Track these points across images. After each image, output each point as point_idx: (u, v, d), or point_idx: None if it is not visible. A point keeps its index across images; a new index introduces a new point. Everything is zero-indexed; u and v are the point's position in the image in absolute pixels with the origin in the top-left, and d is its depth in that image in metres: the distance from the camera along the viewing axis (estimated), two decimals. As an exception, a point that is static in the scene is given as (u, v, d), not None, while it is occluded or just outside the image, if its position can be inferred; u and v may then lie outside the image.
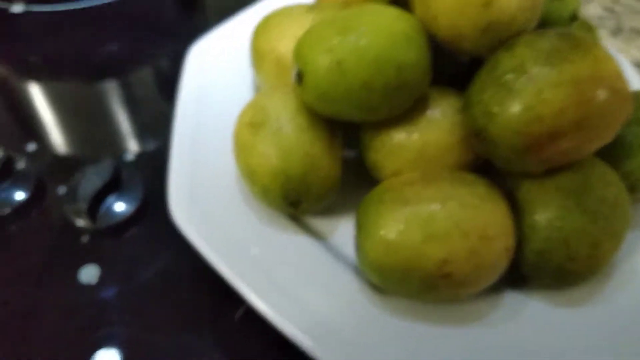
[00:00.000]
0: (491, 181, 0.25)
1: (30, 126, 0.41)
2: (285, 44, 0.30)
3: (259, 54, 0.32)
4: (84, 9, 0.51)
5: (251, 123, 0.27)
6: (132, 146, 0.39)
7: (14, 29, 0.49)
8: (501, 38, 0.25)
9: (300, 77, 0.25)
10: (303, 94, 0.26)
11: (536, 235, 0.25)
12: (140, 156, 0.38)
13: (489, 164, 0.27)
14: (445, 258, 0.23)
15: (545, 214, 0.25)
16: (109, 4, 0.51)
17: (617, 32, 0.54)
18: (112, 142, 0.39)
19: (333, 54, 0.24)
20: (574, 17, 0.31)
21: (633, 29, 0.55)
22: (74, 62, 0.46)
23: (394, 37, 0.24)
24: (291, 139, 0.26)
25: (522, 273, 0.26)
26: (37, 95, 0.43)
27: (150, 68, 0.47)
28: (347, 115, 0.26)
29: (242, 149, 0.27)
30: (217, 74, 0.35)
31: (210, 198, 0.29)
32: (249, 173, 0.27)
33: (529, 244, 0.25)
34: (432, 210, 0.23)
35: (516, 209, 0.26)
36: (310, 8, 0.32)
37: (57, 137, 0.40)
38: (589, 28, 0.36)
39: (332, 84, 0.25)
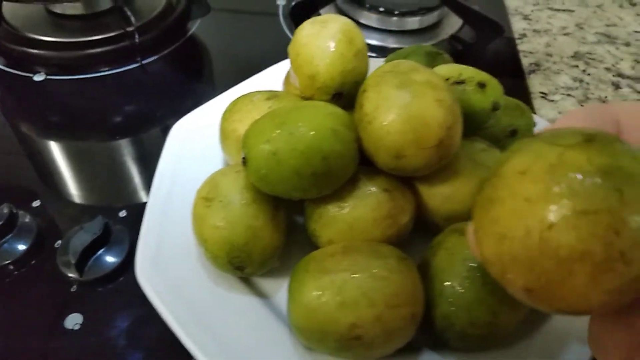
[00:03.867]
0: (405, 254, 0.29)
1: (36, 183, 0.45)
2: (245, 126, 0.34)
3: (224, 133, 0.36)
4: (100, 76, 0.57)
5: (206, 197, 0.31)
6: (126, 203, 0.43)
7: (36, 93, 0.55)
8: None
9: (245, 161, 0.30)
10: (248, 175, 0.30)
11: (442, 300, 0.28)
12: (131, 212, 0.42)
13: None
14: (354, 323, 0.26)
15: (451, 281, 0.28)
16: (124, 71, 0.57)
17: (584, 101, 0.58)
18: (108, 199, 0.43)
19: (270, 145, 0.29)
20: (496, 107, 0.34)
21: (600, 98, 0.58)
22: (85, 124, 0.51)
23: (321, 132, 0.29)
24: (237, 212, 0.30)
25: (434, 335, 0.29)
26: (51, 153, 0.48)
27: (154, 130, 0.51)
28: (284, 194, 0.30)
29: (196, 220, 0.31)
30: (193, 150, 0.39)
31: (172, 262, 0.33)
32: (201, 241, 0.31)
33: (436, 308, 0.28)
34: (345, 279, 0.27)
35: (430, 276, 0.29)
36: (270, 96, 0.36)
37: (59, 193, 0.44)
38: (523, 109, 0.39)
39: (269, 169, 0.29)
